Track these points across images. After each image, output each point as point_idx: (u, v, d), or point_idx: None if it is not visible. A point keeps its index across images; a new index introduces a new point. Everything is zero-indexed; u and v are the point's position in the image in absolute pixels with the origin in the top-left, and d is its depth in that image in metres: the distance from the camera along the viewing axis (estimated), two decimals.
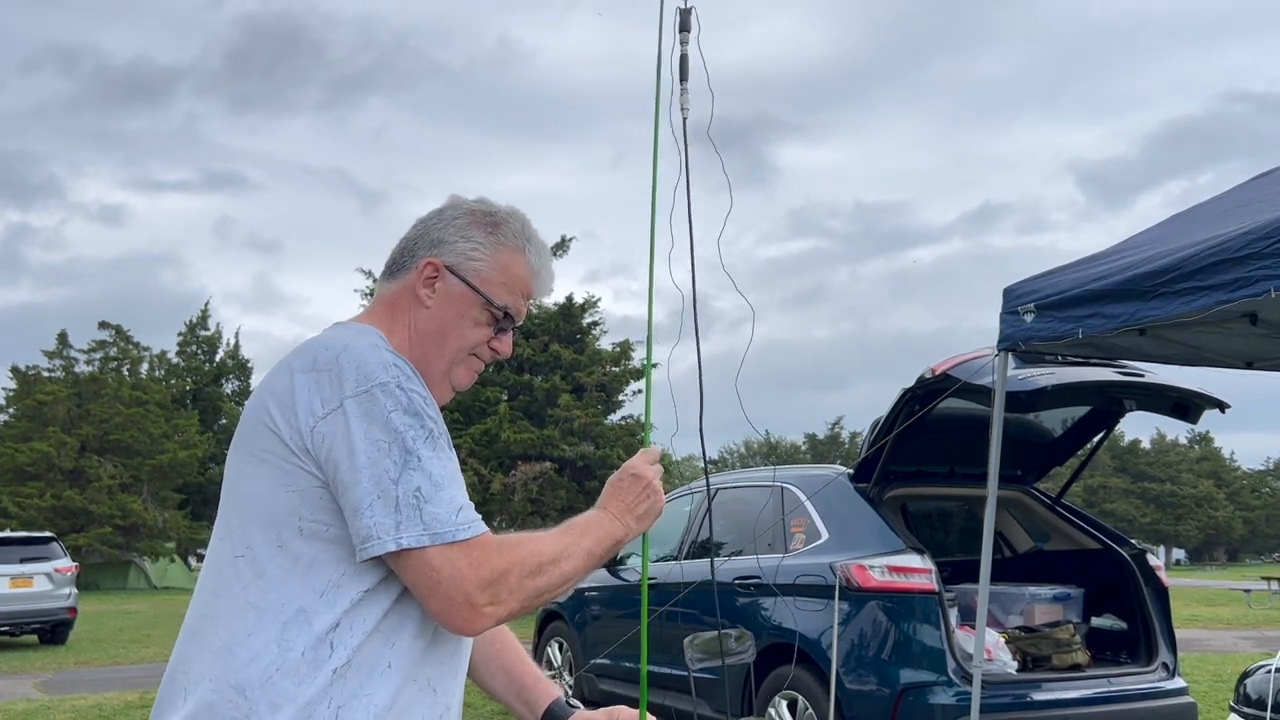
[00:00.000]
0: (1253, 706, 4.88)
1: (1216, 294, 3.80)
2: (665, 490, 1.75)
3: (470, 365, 1.72)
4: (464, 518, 1.48)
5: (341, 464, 1.47)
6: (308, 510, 1.50)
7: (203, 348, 46.35)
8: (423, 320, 1.68)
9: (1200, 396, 6.19)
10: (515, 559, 1.50)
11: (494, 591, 1.48)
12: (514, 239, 1.73)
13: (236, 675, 1.48)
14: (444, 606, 1.47)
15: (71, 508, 33.85)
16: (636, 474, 1.72)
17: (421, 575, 1.46)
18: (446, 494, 1.48)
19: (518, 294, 1.72)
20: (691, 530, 7.79)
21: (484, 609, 1.47)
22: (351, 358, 1.51)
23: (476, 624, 1.49)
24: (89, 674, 12.86)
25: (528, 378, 26.36)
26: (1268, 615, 21.79)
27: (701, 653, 5.85)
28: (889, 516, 6.28)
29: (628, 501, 1.69)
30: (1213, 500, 68.54)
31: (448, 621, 1.50)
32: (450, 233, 1.71)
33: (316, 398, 1.50)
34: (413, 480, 1.46)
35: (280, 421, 1.51)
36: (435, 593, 1.47)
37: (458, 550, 1.46)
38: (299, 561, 1.50)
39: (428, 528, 1.45)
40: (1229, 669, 11.62)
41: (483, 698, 10.16)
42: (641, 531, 1.71)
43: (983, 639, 5.17)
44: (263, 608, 1.49)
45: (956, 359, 5.71)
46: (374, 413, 1.48)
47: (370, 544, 1.45)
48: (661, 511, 1.73)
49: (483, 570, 1.47)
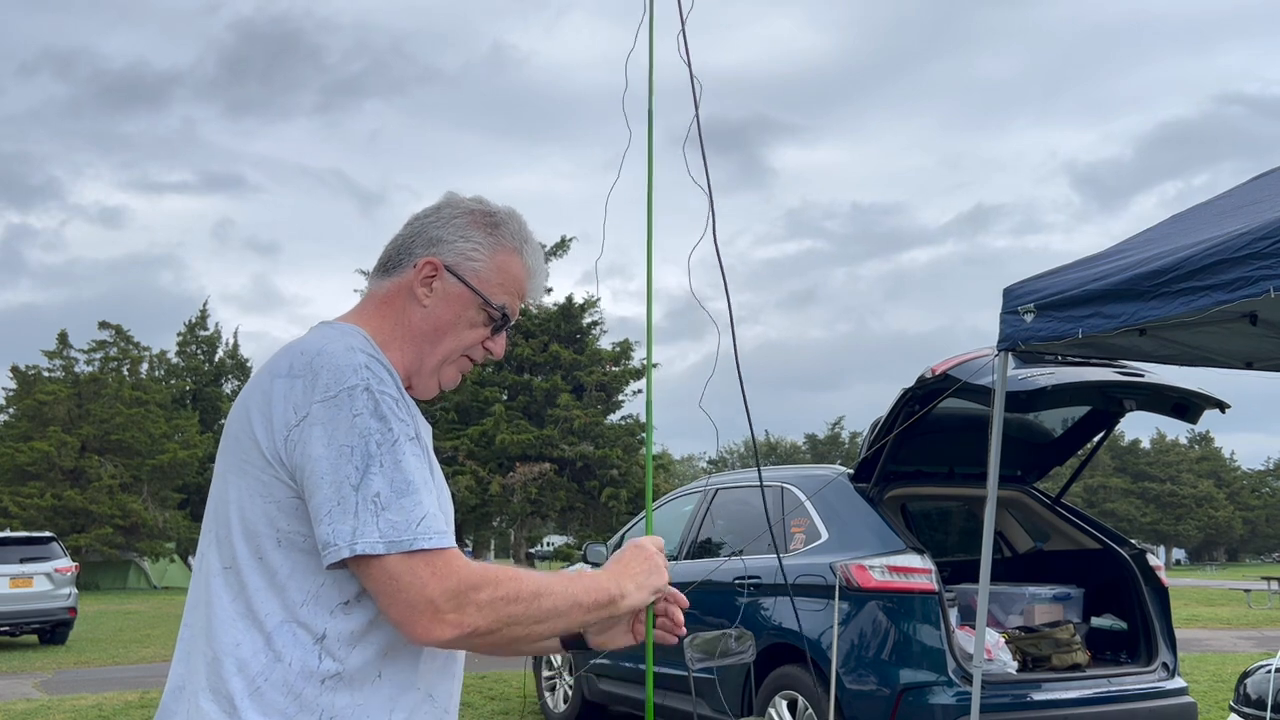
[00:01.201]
0: (1253, 706, 4.88)
1: (1216, 294, 3.80)
2: (665, 492, 1.75)
3: (461, 365, 1.71)
4: (426, 527, 1.44)
5: (307, 470, 1.45)
6: (284, 521, 1.49)
7: (202, 348, 46.34)
8: (419, 319, 1.66)
9: (1200, 396, 6.19)
10: (489, 578, 1.46)
11: (459, 601, 1.43)
12: (512, 240, 1.71)
13: (225, 685, 1.47)
14: (405, 614, 1.43)
15: (72, 508, 33.86)
16: (639, 545, 1.72)
17: (382, 583, 1.43)
18: (409, 500, 1.44)
19: (514, 295, 1.71)
20: (692, 530, 7.79)
21: (447, 615, 1.42)
22: (325, 361, 1.49)
23: (437, 631, 1.43)
24: (89, 674, 12.86)
25: (527, 378, 26.36)
26: (1268, 615, 21.81)
27: (701, 653, 5.85)
28: (889, 516, 6.28)
29: (629, 568, 1.67)
30: (1213, 500, 68.58)
31: (409, 630, 1.44)
32: (449, 232, 1.68)
33: (290, 405, 1.48)
34: (372, 485, 1.43)
35: (259, 430, 1.50)
36: (396, 600, 1.43)
37: (419, 560, 1.42)
38: (278, 573, 1.49)
39: (383, 535, 1.41)
40: (1229, 669, 11.62)
41: (483, 697, 10.18)
42: (639, 599, 1.66)
43: (983, 639, 5.17)
44: (250, 618, 1.49)
45: (956, 359, 5.71)
46: (339, 418, 1.45)
47: (329, 550, 1.43)
48: (661, 586, 1.70)
49: (448, 580, 1.42)
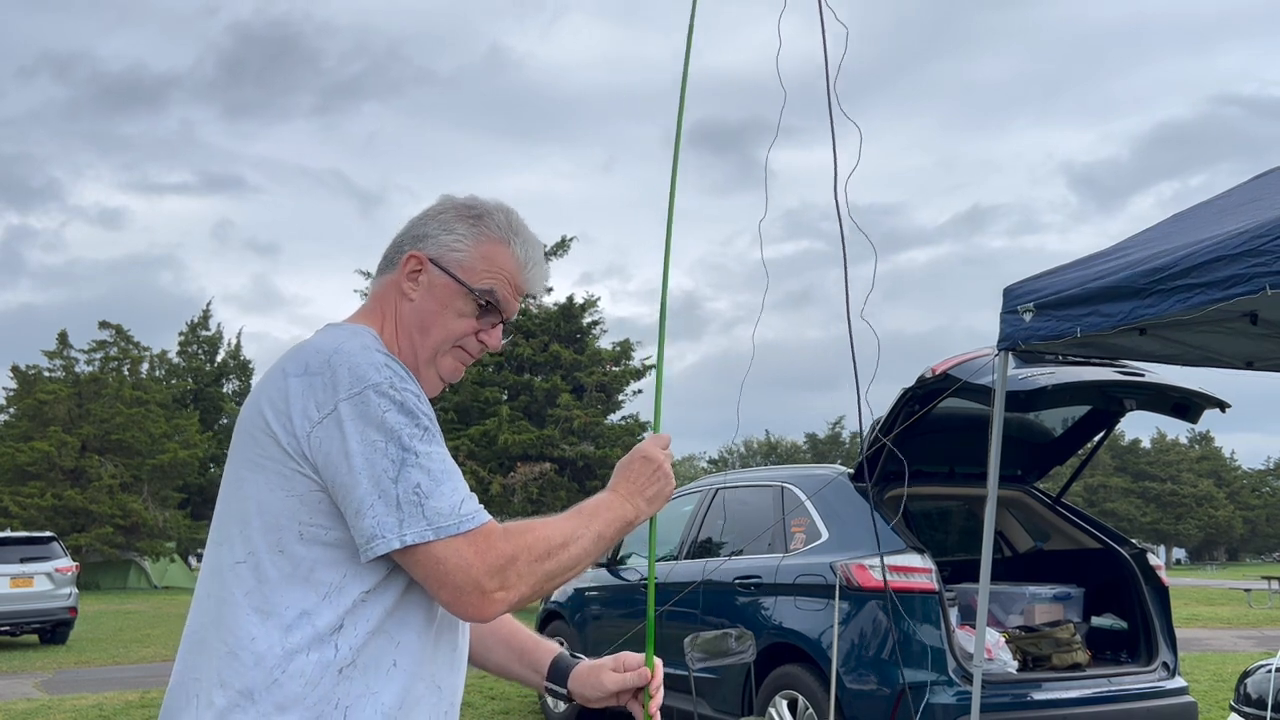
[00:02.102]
0: (1253, 706, 4.88)
1: (1214, 292, 3.80)
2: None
3: (457, 357, 1.73)
4: (466, 509, 1.50)
5: (339, 467, 1.48)
6: (306, 514, 1.51)
7: (203, 348, 46.35)
8: (407, 312, 1.70)
9: (1200, 396, 6.19)
10: (523, 544, 1.52)
11: (503, 577, 1.49)
12: (497, 230, 1.73)
13: (243, 679, 1.49)
14: (454, 597, 1.49)
15: (72, 507, 33.86)
16: (647, 456, 1.72)
17: (430, 569, 1.48)
18: (446, 487, 1.49)
19: (504, 283, 1.72)
20: (692, 530, 7.79)
21: (494, 595, 1.49)
22: (344, 360, 1.52)
23: (488, 610, 1.50)
24: (89, 674, 12.86)
25: (528, 378, 26.33)
26: (1268, 615, 21.80)
27: (701, 652, 5.86)
28: (889, 516, 6.28)
29: (638, 484, 1.70)
30: (1213, 500, 68.57)
31: (460, 610, 1.51)
32: (434, 227, 1.72)
33: (311, 402, 1.50)
34: (411, 477, 1.47)
35: (276, 427, 1.52)
36: (445, 584, 1.48)
37: (463, 541, 1.48)
38: (300, 565, 1.51)
39: (430, 522, 1.46)
40: (1229, 668, 11.62)
41: (483, 697, 10.16)
42: (652, 514, 1.72)
43: (983, 638, 5.17)
44: (266, 612, 1.50)
45: (956, 359, 5.71)
46: (368, 414, 1.48)
47: (375, 543, 1.47)
48: (671, 495, 1.74)
49: (490, 557, 1.48)
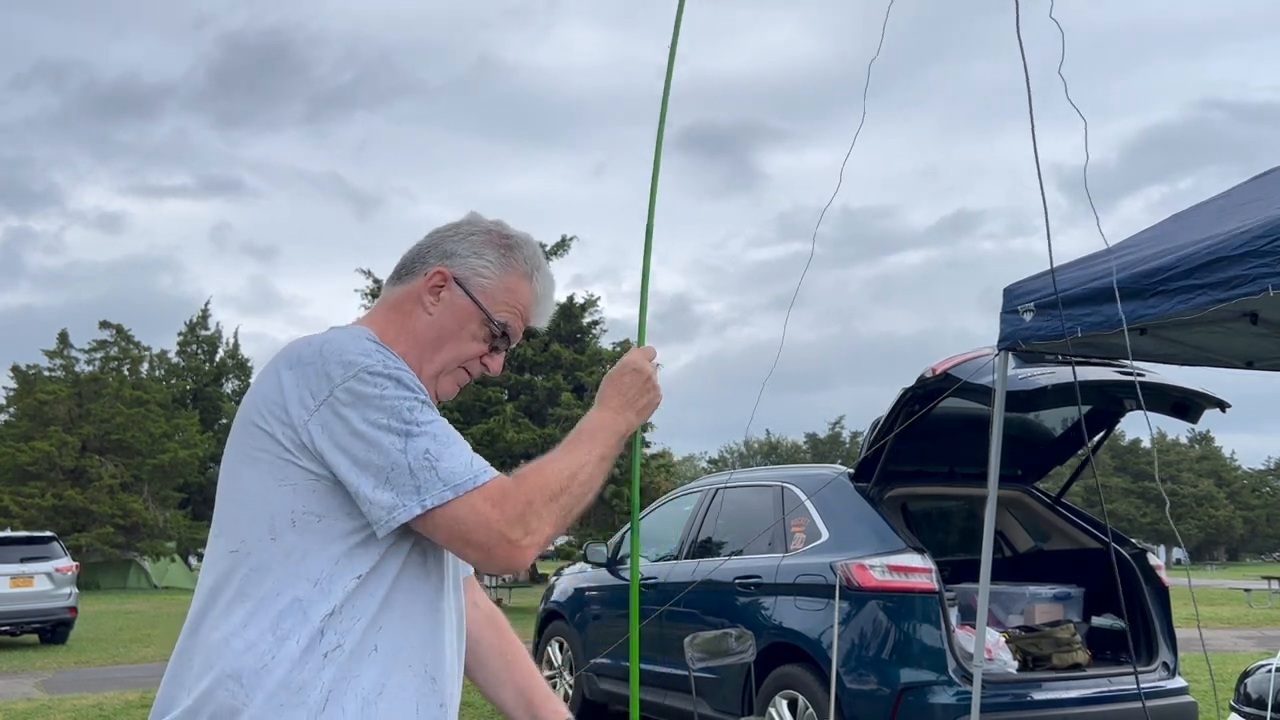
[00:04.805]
0: (1253, 706, 4.88)
1: (1214, 292, 3.80)
2: (668, 489, 1.76)
3: (458, 377, 1.77)
4: (477, 466, 1.54)
5: (344, 451, 1.52)
6: (300, 503, 1.55)
7: (203, 347, 46.34)
8: (423, 325, 1.73)
9: (1200, 396, 6.18)
10: (534, 488, 1.56)
11: (525, 524, 1.53)
12: (524, 264, 1.78)
13: (233, 664, 1.51)
14: (483, 554, 1.53)
15: (72, 507, 33.83)
16: (637, 368, 1.77)
17: (453, 531, 1.52)
18: (454, 449, 1.53)
19: (517, 316, 1.77)
20: (692, 530, 7.79)
21: (522, 542, 1.52)
22: (334, 349, 1.57)
23: (518, 558, 1.53)
24: (89, 673, 12.85)
25: (529, 377, 26.34)
26: (1268, 614, 21.80)
27: (702, 652, 5.86)
28: (889, 516, 6.28)
29: (629, 396, 1.74)
30: (1213, 500, 68.57)
31: (492, 565, 1.55)
32: (464, 247, 1.76)
33: (305, 390, 1.54)
34: (419, 445, 1.51)
35: (271, 420, 1.56)
36: (470, 543, 1.52)
37: (478, 497, 1.51)
38: (292, 553, 1.54)
39: (446, 483, 1.50)
40: (1229, 669, 11.61)
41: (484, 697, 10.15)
42: (641, 424, 1.76)
43: (983, 638, 5.17)
44: (259, 599, 1.54)
45: (956, 358, 5.70)
46: (366, 394, 1.53)
47: (397, 512, 1.50)
48: (660, 404, 1.77)
49: (507, 508, 1.52)
